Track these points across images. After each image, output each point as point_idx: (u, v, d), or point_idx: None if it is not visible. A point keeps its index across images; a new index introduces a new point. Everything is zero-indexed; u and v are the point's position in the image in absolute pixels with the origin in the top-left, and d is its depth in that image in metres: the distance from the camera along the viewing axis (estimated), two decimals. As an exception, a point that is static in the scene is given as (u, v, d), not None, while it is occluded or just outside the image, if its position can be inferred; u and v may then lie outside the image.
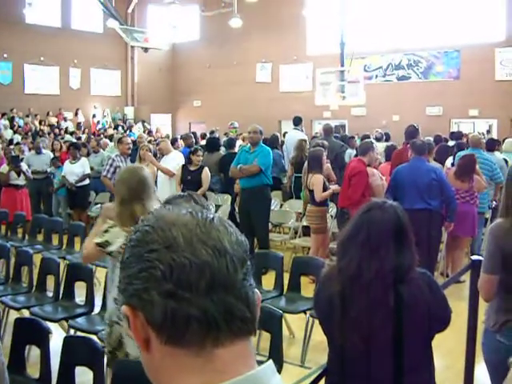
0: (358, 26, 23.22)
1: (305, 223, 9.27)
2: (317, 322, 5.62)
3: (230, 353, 0.95)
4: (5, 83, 24.98)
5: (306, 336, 5.86)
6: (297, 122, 12.92)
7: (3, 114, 23.27)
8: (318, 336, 5.82)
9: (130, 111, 29.01)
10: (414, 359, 2.71)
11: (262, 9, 25.36)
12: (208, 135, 16.93)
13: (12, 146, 14.81)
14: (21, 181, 11.23)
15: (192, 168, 9.22)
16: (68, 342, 4.15)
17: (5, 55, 24.79)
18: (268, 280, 6.82)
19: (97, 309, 5.99)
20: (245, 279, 0.98)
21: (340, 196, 8.30)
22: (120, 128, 24.00)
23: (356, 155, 9.44)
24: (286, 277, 6.44)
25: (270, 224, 9.74)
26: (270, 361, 1.01)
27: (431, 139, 10.66)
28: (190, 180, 9.08)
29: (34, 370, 4.44)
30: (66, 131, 21.69)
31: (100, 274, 6.84)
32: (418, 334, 2.71)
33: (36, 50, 25.23)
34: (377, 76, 24.83)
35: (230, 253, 0.97)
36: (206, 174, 9.23)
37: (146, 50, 27.35)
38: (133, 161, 10.61)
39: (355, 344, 2.69)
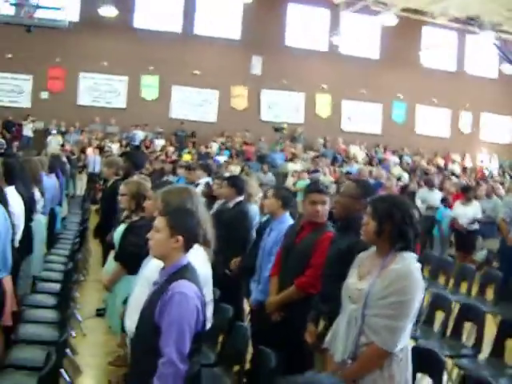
0: None
1: None
2: None
3: None
4: (399, 122, 26.10)
5: None
6: None
7: (394, 152, 24.27)
8: None
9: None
10: None
11: None
12: None
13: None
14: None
15: None
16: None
17: (400, 96, 25.85)
18: None
19: None
20: None
21: None
22: (508, 176, 23.19)
23: None
24: None
25: None
26: None
27: None
28: None
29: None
30: (453, 174, 21.69)
31: None
32: None
33: (429, 91, 25.90)
34: None
35: None
36: None
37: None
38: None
39: None
